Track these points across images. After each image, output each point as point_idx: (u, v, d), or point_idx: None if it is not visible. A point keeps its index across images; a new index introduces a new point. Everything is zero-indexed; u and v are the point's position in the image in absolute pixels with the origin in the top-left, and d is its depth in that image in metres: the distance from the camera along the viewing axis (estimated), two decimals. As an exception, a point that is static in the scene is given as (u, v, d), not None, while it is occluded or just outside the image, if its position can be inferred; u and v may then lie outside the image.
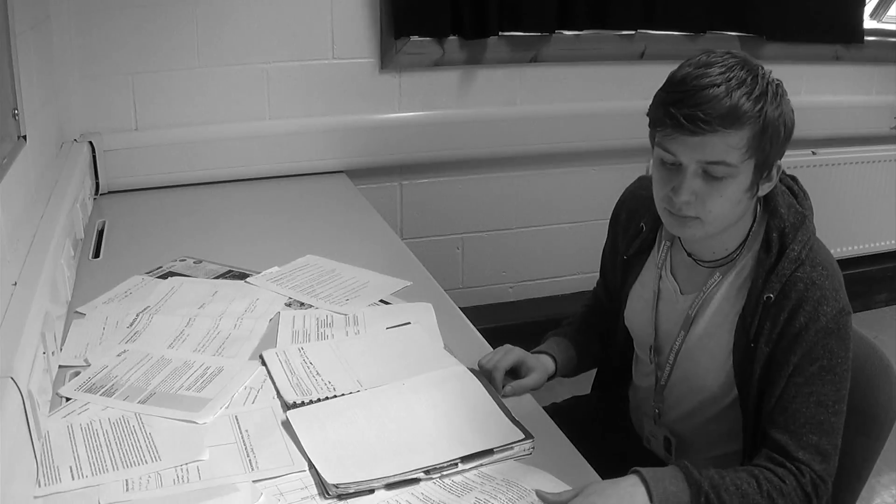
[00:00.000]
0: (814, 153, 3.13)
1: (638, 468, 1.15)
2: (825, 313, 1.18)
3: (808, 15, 2.87)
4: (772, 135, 1.16)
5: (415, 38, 2.51)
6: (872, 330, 1.46)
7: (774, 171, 1.21)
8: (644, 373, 1.45)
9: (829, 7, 2.91)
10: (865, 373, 1.35)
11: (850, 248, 3.31)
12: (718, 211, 1.19)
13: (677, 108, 1.13)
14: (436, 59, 2.55)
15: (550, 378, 1.47)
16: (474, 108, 2.65)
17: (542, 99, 2.72)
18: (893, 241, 3.40)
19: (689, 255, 1.33)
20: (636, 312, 1.42)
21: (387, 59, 2.51)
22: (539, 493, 1.10)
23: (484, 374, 1.39)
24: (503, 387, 1.37)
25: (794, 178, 1.31)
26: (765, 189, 1.22)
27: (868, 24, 3.09)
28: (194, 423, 1.26)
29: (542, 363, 1.44)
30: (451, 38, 2.55)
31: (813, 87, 3.05)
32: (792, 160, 3.05)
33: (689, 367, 1.33)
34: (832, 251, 1.26)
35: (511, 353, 1.41)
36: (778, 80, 1.20)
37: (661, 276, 1.36)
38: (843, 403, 1.21)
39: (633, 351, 1.49)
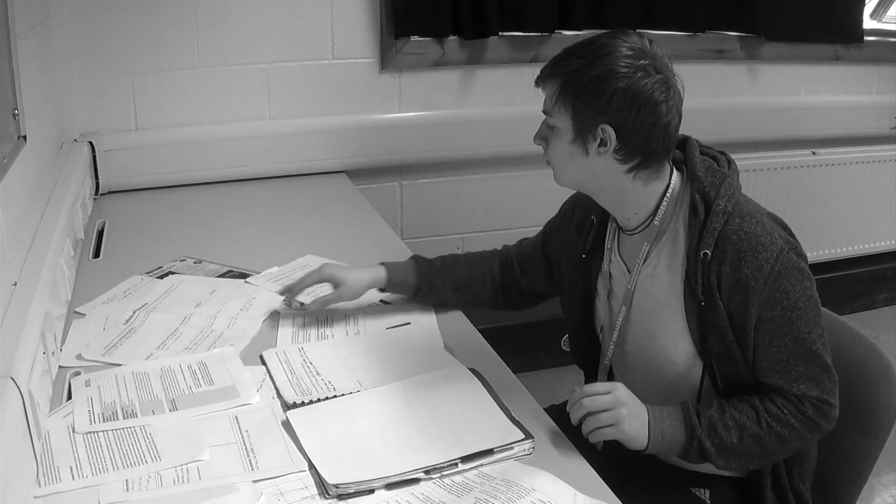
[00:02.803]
0: (814, 153, 3.12)
1: (650, 406, 1.24)
2: (766, 259, 1.21)
3: (808, 15, 2.87)
4: (578, 90, 1.23)
5: (415, 38, 2.51)
6: (872, 330, 1.46)
7: (607, 136, 1.23)
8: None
9: (829, 7, 2.91)
10: (865, 373, 1.35)
11: (850, 248, 3.29)
12: (555, 159, 1.32)
13: None
14: (436, 59, 2.55)
15: (384, 290, 1.60)
16: (474, 108, 2.65)
17: (542, 99, 2.70)
18: (893, 241, 3.40)
19: (620, 228, 1.37)
20: (601, 302, 1.43)
21: (387, 59, 2.51)
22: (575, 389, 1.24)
23: (289, 290, 1.58)
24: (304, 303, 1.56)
25: (722, 153, 1.36)
26: (601, 151, 1.25)
27: (868, 24, 3.09)
28: (249, 404, 1.29)
29: (355, 278, 1.56)
30: (451, 38, 2.55)
31: (813, 87, 3.05)
32: (792, 160, 3.08)
33: (651, 344, 1.34)
34: (833, 251, 1.27)
35: (318, 273, 1.56)
36: (663, 75, 1.22)
37: (611, 260, 1.39)
38: (819, 328, 1.25)
39: None
